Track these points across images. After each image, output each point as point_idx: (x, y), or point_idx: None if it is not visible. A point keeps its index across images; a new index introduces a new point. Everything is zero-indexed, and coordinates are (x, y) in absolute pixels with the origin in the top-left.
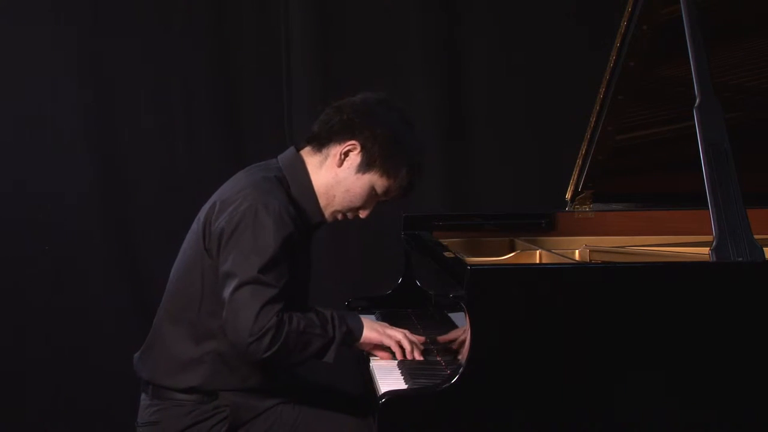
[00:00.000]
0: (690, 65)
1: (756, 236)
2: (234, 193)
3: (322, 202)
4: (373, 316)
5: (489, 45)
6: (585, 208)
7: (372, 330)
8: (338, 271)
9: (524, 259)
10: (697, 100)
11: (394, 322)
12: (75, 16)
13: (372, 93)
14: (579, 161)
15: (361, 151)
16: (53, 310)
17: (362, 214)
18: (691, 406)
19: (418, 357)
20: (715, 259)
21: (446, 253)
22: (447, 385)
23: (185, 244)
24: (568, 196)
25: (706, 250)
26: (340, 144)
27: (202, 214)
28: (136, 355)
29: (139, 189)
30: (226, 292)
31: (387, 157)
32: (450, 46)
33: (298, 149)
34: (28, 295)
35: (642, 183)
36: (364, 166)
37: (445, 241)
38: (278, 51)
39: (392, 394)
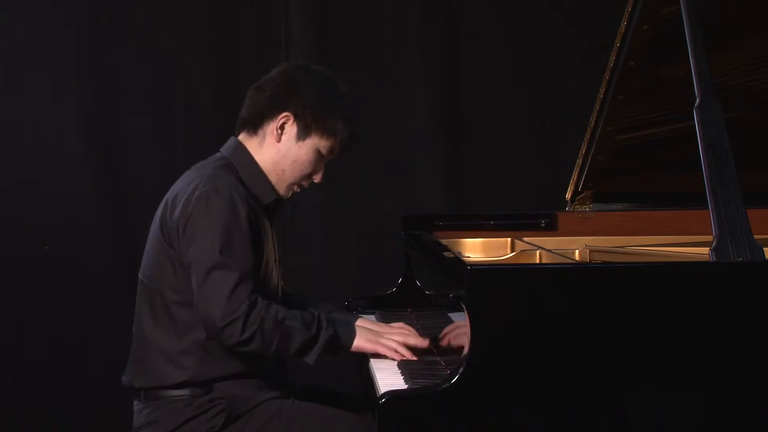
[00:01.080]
0: (690, 65)
1: (756, 236)
2: (184, 186)
3: (273, 179)
4: (372, 317)
5: (489, 45)
6: (585, 208)
7: (366, 340)
8: (338, 271)
9: (524, 259)
10: (697, 100)
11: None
12: (75, 16)
13: (288, 63)
14: (579, 161)
15: (294, 120)
16: (53, 310)
17: (316, 179)
18: (692, 405)
19: (421, 344)
20: (715, 259)
21: (446, 253)
22: (447, 385)
23: (148, 248)
24: (568, 196)
25: (706, 250)
26: (272, 120)
27: (157, 214)
28: (125, 374)
29: (139, 189)
30: (194, 281)
31: (321, 117)
32: (450, 46)
33: (236, 136)
34: (28, 295)
35: (642, 183)
36: (303, 133)
37: (445, 241)
38: (278, 51)
39: (392, 394)
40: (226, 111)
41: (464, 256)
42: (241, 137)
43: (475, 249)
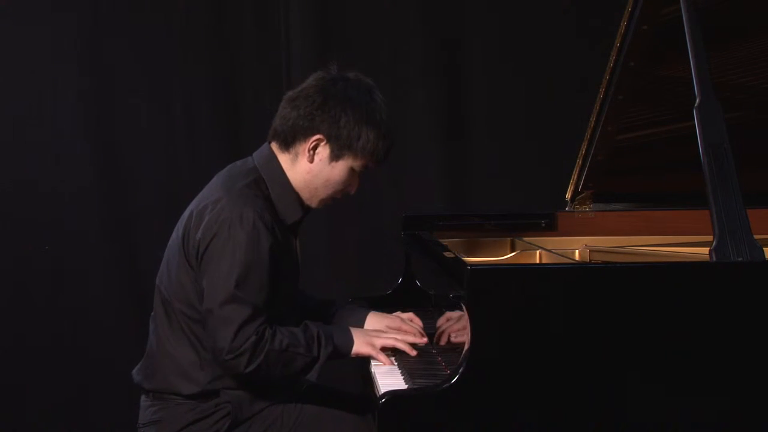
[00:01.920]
0: (690, 65)
1: (756, 236)
2: (210, 202)
3: (304, 196)
4: None
5: (489, 45)
6: (585, 208)
7: (364, 344)
8: (338, 271)
9: (524, 259)
10: (697, 100)
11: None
12: (75, 15)
13: (324, 72)
14: (579, 161)
15: (327, 142)
16: (53, 310)
17: (351, 191)
18: (692, 405)
19: (419, 341)
20: (715, 259)
21: (446, 253)
22: (447, 385)
23: (169, 255)
24: (568, 196)
25: (706, 250)
26: (305, 141)
27: (180, 225)
28: (135, 369)
29: (139, 189)
30: (206, 307)
31: (354, 139)
32: (450, 46)
33: (270, 143)
34: (28, 295)
35: (642, 183)
36: (336, 155)
37: (445, 241)
38: (278, 51)
39: (392, 394)
40: (226, 111)
41: (464, 256)
42: (274, 147)
43: (475, 249)
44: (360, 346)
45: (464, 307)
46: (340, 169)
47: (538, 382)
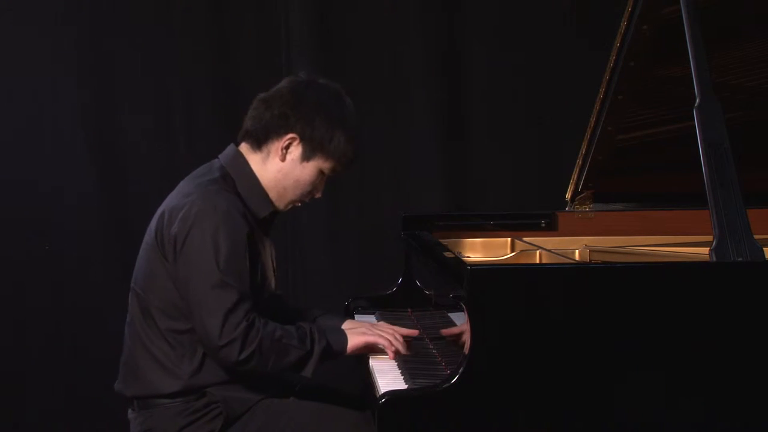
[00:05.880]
0: (690, 65)
1: (756, 236)
2: (181, 198)
3: (272, 195)
4: (372, 317)
5: (489, 45)
6: (585, 208)
7: (359, 334)
8: (338, 271)
9: (524, 259)
10: (697, 100)
11: (393, 322)
12: (75, 16)
13: (297, 76)
14: (579, 161)
15: (300, 141)
16: (53, 310)
17: (317, 195)
18: (692, 406)
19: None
20: (715, 259)
21: (446, 253)
22: (447, 385)
23: (142, 256)
24: (568, 196)
25: (706, 250)
26: (278, 139)
27: (153, 225)
28: (117, 382)
29: (139, 189)
30: (192, 299)
31: (327, 140)
32: (450, 45)
33: (237, 145)
34: (29, 295)
35: (642, 183)
36: (307, 155)
37: (445, 241)
38: (278, 51)
39: (392, 394)
40: (226, 111)
41: (464, 256)
42: (243, 148)
43: (475, 249)
44: (355, 338)
45: (464, 307)
46: (310, 169)
47: (538, 382)
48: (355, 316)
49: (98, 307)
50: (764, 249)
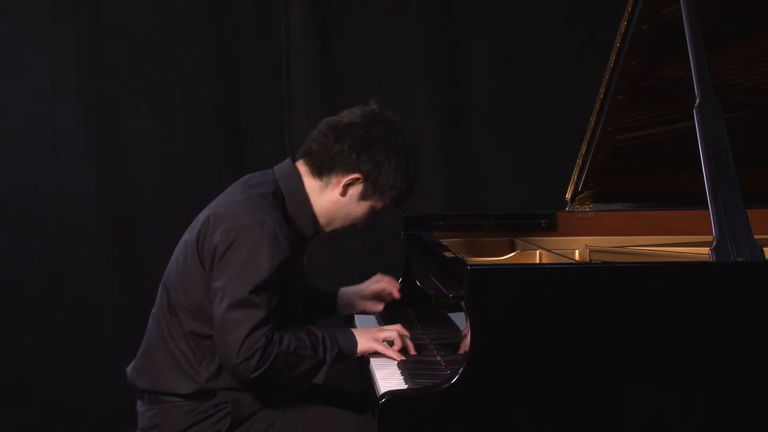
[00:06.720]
0: (690, 65)
1: (756, 236)
2: (229, 208)
3: (321, 221)
4: (372, 317)
5: (489, 44)
6: (585, 208)
7: (368, 341)
8: (338, 271)
9: (524, 259)
10: (697, 100)
11: (393, 323)
12: (75, 16)
13: (369, 107)
14: (579, 161)
15: (363, 182)
16: (53, 309)
17: (360, 225)
18: (692, 405)
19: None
20: (715, 259)
21: (446, 253)
22: (447, 385)
23: (179, 253)
24: (568, 196)
25: (706, 250)
26: (342, 175)
27: (196, 225)
28: (130, 366)
29: (139, 189)
30: (217, 310)
31: (389, 186)
32: (450, 45)
33: (294, 161)
34: (29, 294)
35: (642, 183)
36: (367, 195)
37: (445, 241)
38: (278, 51)
39: (392, 394)
40: (226, 111)
41: (464, 256)
42: (300, 167)
43: (475, 249)
44: (364, 343)
45: (464, 307)
46: (363, 207)
47: (538, 381)
48: (355, 316)
49: (98, 307)
50: (764, 249)
